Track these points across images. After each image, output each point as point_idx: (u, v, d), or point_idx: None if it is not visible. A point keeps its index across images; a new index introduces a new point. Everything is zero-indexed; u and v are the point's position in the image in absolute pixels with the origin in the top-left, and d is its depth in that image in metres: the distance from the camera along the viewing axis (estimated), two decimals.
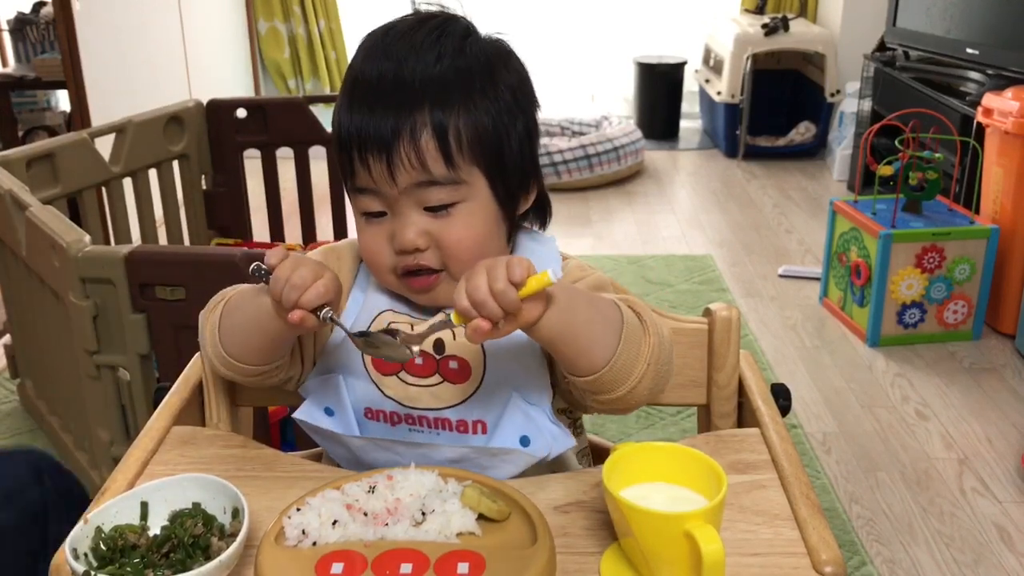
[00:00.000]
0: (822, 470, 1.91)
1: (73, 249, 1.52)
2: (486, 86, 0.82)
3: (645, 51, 4.62)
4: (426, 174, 0.79)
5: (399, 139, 0.78)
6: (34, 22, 3.29)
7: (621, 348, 0.75)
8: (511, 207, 0.86)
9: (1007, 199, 2.43)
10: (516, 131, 0.84)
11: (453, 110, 0.79)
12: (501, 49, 0.85)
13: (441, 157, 0.79)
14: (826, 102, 4.01)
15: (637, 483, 0.71)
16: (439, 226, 0.81)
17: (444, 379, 0.85)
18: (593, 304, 0.76)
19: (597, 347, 0.75)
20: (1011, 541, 1.70)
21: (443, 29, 0.82)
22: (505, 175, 0.83)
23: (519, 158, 0.84)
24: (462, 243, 0.81)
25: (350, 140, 0.80)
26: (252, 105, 2.43)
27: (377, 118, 0.79)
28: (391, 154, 0.78)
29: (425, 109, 0.78)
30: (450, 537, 0.69)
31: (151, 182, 2.29)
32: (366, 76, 0.81)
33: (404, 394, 0.85)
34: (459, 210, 0.81)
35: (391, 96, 0.79)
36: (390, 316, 0.87)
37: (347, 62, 4.99)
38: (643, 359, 0.77)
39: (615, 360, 0.75)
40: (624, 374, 0.76)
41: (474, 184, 0.81)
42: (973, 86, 2.83)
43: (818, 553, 0.70)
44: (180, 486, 0.74)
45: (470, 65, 0.81)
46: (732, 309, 0.95)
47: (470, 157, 0.80)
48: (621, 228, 3.39)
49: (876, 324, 2.42)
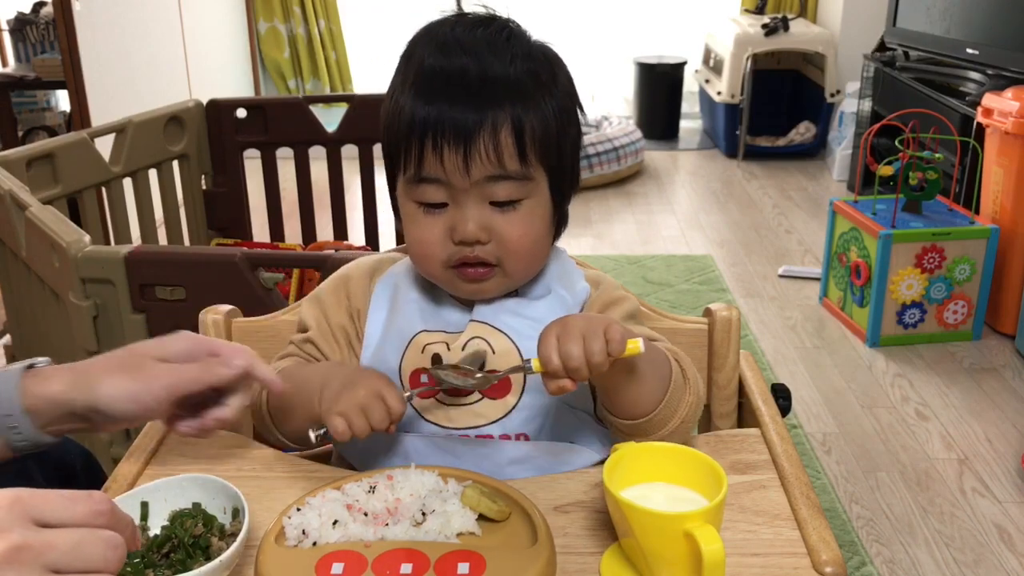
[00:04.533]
0: (822, 470, 1.91)
1: (73, 249, 1.52)
2: (551, 87, 0.83)
3: (645, 51, 4.62)
4: (500, 168, 0.80)
5: (479, 131, 0.78)
6: (34, 22, 3.29)
7: (665, 403, 0.79)
8: (562, 209, 0.87)
9: (1007, 199, 2.43)
10: (570, 134, 0.85)
11: (528, 108, 0.80)
12: (555, 54, 0.87)
13: (516, 153, 0.80)
14: (826, 102, 4.01)
15: (637, 483, 0.71)
16: (502, 221, 0.82)
17: (484, 396, 0.85)
18: (650, 356, 0.77)
19: (645, 398, 0.79)
20: (1011, 541, 1.70)
21: (509, 31, 0.84)
22: (562, 175, 0.85)
23: (572, 160, 0.86)
24: (523, 239, 0.82)
25: (425, 128, 0.79)
26: (252, 105, 2.43)
27: (458, 110, 0.79)
28: (469, 145, 0.78)
29: (505, 106, 0.79)
30: (450, 537, 0.69)
31: (151, 182, 2.29)
32: (446, 69, 0.81)
33: (444, 416, 0.85)
34: (523, 207, 0.82)
35: (474, 90, 0.79)
36: (425, 337, 0.86)
37: (347, 62, 4.95)
38: (679, 416, 0.81)
39: (656, 414, 0.79)
40: (659, 426, 0.80)
41: (539, 182, 0.83)
42: (973, 86, 2.83)
43: (818, 553, 0.70)
44: (180, 486, 0.74)
45: (537, 68, 0.83)
46: (732, 309, 0.95)
47: (539, 155, 0.82)
48: (621, 228, 3.39)
49: (876, 324, 2.42)
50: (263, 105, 2.44)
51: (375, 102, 2.42)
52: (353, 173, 2.50)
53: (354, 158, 2.46)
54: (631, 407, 0.79)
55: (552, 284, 0.89)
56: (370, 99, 2.44)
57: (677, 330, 0.98)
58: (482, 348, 0.84)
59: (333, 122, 2.43)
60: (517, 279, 0.86)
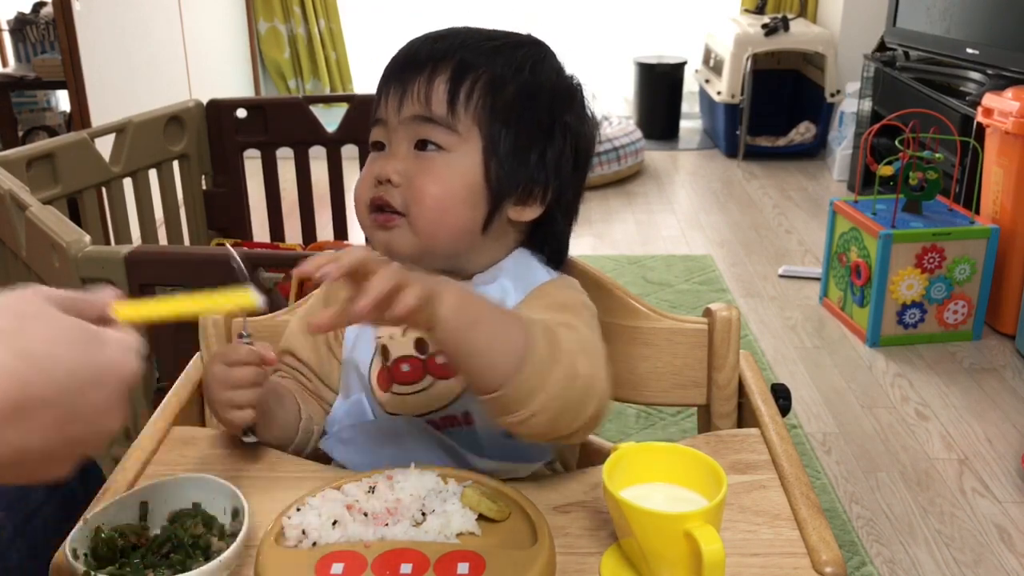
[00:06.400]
0: (822, 470, 1.91)
1: (73, 249, 1.52)
2: (531, 92, 0.84)
3: (645, 51, 4.62)
4: (426, 109, 0.82)
5: (420, 75, 0.83)
6: (34, 22, 3.29)
7: (519, 377, 0.70)
8: (498, 196, 0.84)
9: (1007, 199, 2.43)
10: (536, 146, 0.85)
11: (479, 70, 0.83)
12: (573, 84, 0.89)
13: (446, 101, 0.82)
14: (826, 102, 4.01)
15: (637, 483, 0.71)
16: (418, 167, 0.82)
17: (435, 378, 0.85)
18: (497, 325, 0.72)
19: (489, 370, 0.70)
20: (1011, 541, 1.70)
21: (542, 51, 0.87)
22: (503, 160, 0.83)
23: (528, 167, 0.84)
24: (428, 188, 0.82)
25: (382, 81, 0.86)
26: (252, 105, 2.43)
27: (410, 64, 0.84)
28: (406, 88, 0.83)
29: (454, 58, 0.83)
30: (450, 537, 0.69)
31: (151, 182, 2.29)
32: (419, 39, 0.86)
33: (403, 405, 0.85)
34: (442, 157, 0.83)
35: (435, 43, 0.85)
36: (381, 330, 0.88)
37: (347, 62, 4.97)
38: (544, 391, 0.71)
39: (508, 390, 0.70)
40: (518, 403, 0.71)
41: (468, 141, 0.83)
42: (973, 86, 2.84)
43: (818, 553, 0.70)
44: (180, 486, 0.74)
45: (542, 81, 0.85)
46: (732, 309, 0.95)
47: (475, 117, 0.82)
48: (621, 228, 3.39)
49: (876, 324, 2.42)
50: (263, 105, 2.44)
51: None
52: (353, 173, 2.48)
53: (354, 158, 2.46)
54: (480, 379, 0.71)
55: (501, 276, 0.87)
56: (370, 99, 2.42)
57: (677, 330, 0.98)
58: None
59: (333, 122, 2.43)
60: (425, 238, 0.82)
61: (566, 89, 0.88)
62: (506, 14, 4.63)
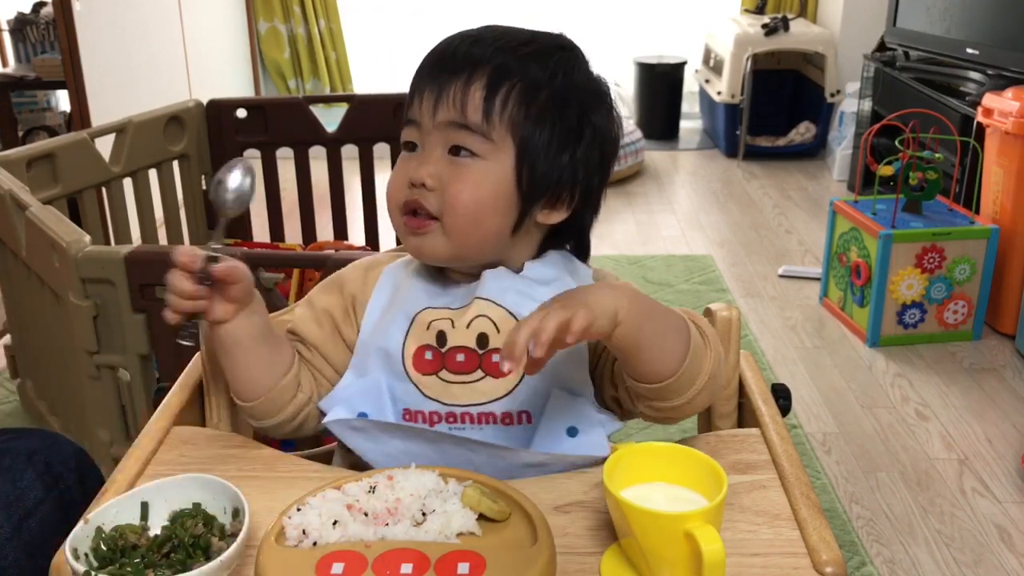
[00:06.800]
0: (822, 470, 1.91)
1: (73, 249, 1.52)
2: (564, 97, 0.85)
3: (645, 51, 4.62)
4: (462, 116, 0.83)
5: (456, 81, 0.83)
6: (34, 22, 3.29)
7: (689, 360, 0.78)
8: (528, 201, 0.86)
9: (1007, 199, 2.43)
10: (567, 150, 0.86)
11: (514, 83, 0.83)
12: (601, 88, 0.90)
13: (482, 109, 0.83)
14: (826, 102, 4.01)
15: (637, 483, 0.71)
16: (452, 173, 0.83)
17: (487, 374, 0.85)
18: (664, 316, 0.78)
19: (667, 357, 0.77)
20: (1011, 541, 1.70)
21: (574, 56, 0.88)
22: (535, 167, 0.85)
23: (558, 172, 0.86)
24: (462, 195, 0.83)
25: (416, 81, 0.86)
26: (252, 105, 2.43)
27: (446, 66, 0.84)
28: (442, 91, 0.83)
29: (488, 68, 0.83)
30: (450, 537, 0.69)
31: (151, 182, 2.29)
32: (454, 39, 0.87)
33: (445, 392, 0.86)
34: (476, 164, 0.83)
35: (472, 47, 0.85)
36: (429, 315, 0.87)
37: (347, 62, 4.97)
38: (705, 371, 0.79)
39: (681, 373, 0.78)
40: (687, 384, 0.79)
41: (501, 149, 0.84)
42: (973, 86, 2.84)
43: (818, 553, 0.70)
44: (180, 486, 0.74)
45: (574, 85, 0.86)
46: (732, 309, 0.95)
47: (508, 126, 0.83)
48: (621, 228, 3.39)
49: (876, 324, 2.42)
50: (263, 105, 2.44)
51: (375, 102, 2.43)
52: (353, 173, 2.50)
53: (354, 158, 2.46)
54: (655, 368, 0.78)
55: (560, 272, 0.90)
56: (370, 99, 2.44)
57: None
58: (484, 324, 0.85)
59: (333, 122, 2.43)
60: (458, 243, 0.85)
61: (595, 91, 0.89)
62: (506, 14, 4.63)
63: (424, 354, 0.86)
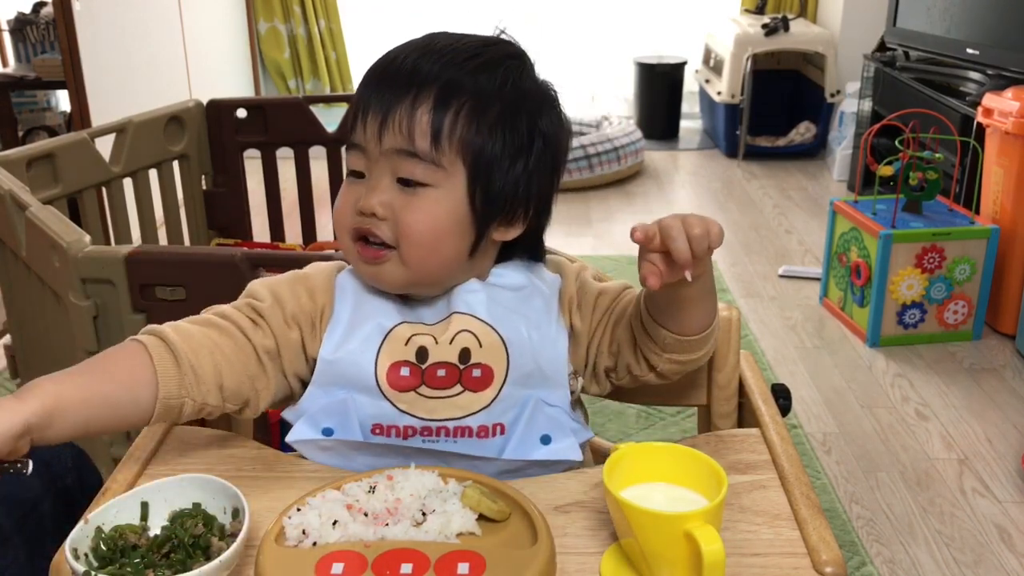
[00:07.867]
0: (822, 470, 1.91)
1: (73, 249, 1.52)
2: (514, 108, 0.83)
3: (645, 51, 4.62)
4: (410, 144, 0.80)
5: (400, 104, 0.81)
6: (34, 22, 3.29)
7: (716, 319, 0.85)
8: (484, 222, 0.84)
9: (1007, 199, 2.43)
10: (519, 162, 0.84)
11: (463, 101, 0.81)
12: (549, 94, 0.88)
13: (430, 134, 0.80)
14: (826, 102, 4.01)
15: (637, 483, 0.71)
16: (403, 202, 0.81)
17: (465, 388, 0.84)
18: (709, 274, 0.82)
19: (711, 308, 0.84)
20: (1011, 541, 1.70)
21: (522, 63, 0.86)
22: (488, 186, 0.83)
23: (511, 187, 0.84)
24: (419, 225, 0.81)
25: (360, 101, 0.83)
26: (252, 105, 2.43)
27: (394, 86, 0.82)
28: (387, 115, 0.81)
29: (435, 88, 0.81)
30: (450, 537, 0.69)
31: (151, 182, 2.29)
32: (399, 51, 0.85)
33: (423, 407, 0.84)
34: (428, 193, 0.81)
35: (419, 60, 0.82)
36: (407, 330, 0.85)
37: (347, 62, 4.97)
38: (716, 330, 0.86)
39: (711, 330, 0.84)
40: (707, 341, 0.85)
41: (452, 175, 0.82)
42: (973, 86, 2.83)
43: (818, 553, 0.70)
44: (180, 486, 0.74)
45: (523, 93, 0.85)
46: (732, 309, 0.95)
47: (458, 149, 0.81)
48: (621, 228, 3.39)
49: (876, 324, 2.42)
50: (263, 105, 2.44)
51: None
52: None
53: None
54: (699, 318, 0.82)
55: (527, 277, 0.89)
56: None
57: None
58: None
59: (333, 122, 2.43)
60: (416, 271, 0.83)
61: (543, 97, 0.87)
62: (506, 14, 4.62)
63: (400, 370, 0.84)
